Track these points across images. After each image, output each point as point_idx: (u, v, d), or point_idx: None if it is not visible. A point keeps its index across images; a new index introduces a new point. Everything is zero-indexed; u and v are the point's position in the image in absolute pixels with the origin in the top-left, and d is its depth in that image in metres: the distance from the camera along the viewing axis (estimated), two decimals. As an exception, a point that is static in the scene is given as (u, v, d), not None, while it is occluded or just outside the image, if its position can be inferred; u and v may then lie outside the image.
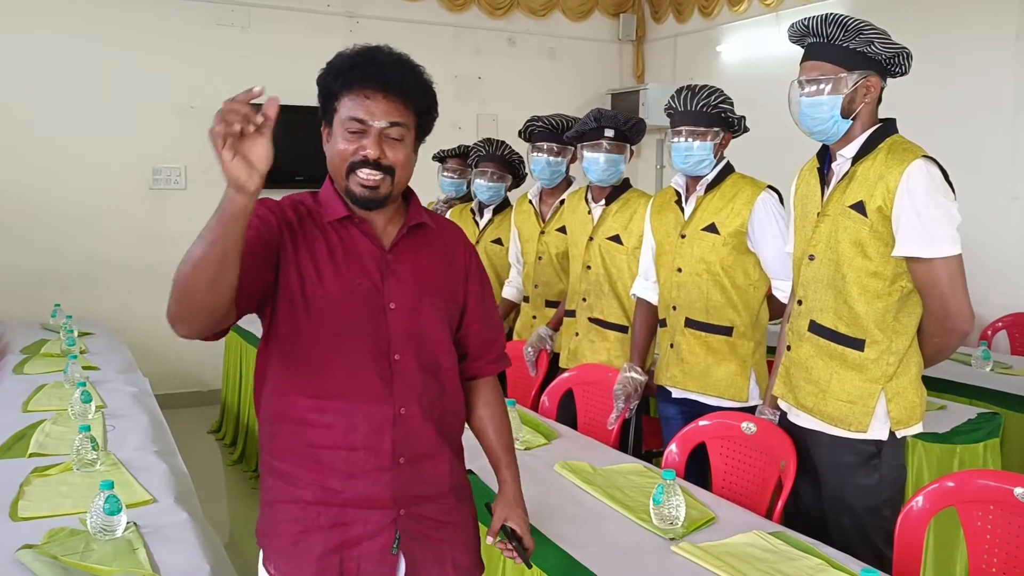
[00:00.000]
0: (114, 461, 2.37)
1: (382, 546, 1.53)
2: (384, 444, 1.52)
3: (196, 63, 5.78)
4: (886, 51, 2.11)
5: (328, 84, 1.51)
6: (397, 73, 1.50)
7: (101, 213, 5.60)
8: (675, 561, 1.83)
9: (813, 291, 2.23)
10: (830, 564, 1.79)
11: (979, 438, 2.90)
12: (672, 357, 2.77)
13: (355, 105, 1.48)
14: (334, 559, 1.51)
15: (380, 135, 1.48)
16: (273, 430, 1.55)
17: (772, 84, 2.31)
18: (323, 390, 1.50)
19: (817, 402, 2.21)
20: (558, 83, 6.99)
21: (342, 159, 1.50)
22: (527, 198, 3.61)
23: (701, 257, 2.69)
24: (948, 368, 3.66)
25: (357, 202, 1.52)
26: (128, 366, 3.68)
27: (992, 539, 1.89)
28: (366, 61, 1.49)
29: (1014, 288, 4.65)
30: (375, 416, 1.51)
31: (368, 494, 1.52)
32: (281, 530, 1.54)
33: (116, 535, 1.85)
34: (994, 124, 4.72)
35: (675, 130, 2.70)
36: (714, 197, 2.70)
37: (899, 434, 2.16)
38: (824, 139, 2.21)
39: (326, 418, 1.50)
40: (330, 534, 1.51)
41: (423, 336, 1.57)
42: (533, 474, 2.35)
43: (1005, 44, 4.67)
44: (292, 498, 1.53)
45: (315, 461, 1.51)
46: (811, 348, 2.23)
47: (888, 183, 2.05)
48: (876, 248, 2.10)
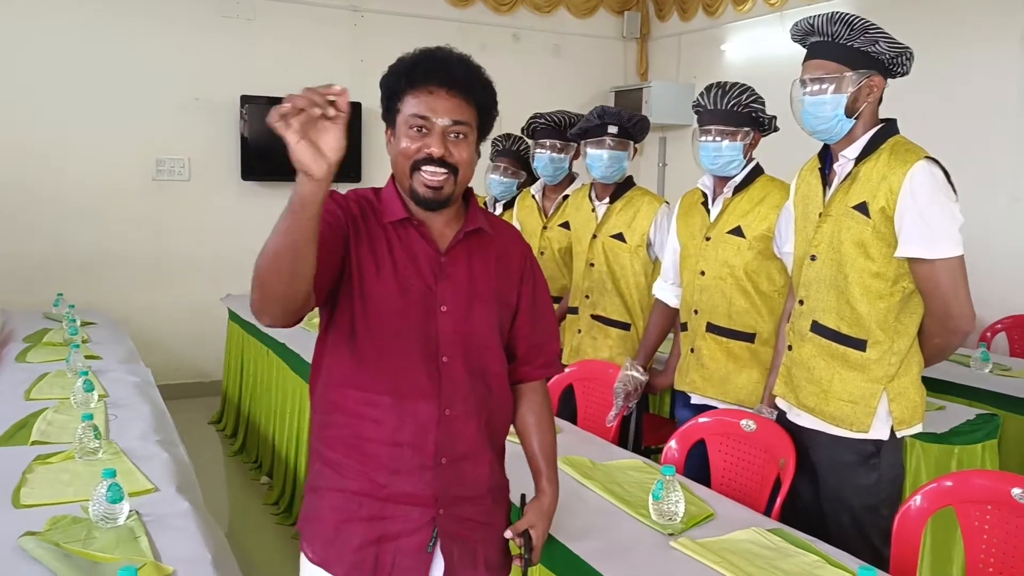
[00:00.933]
0: (116, 450, 2.38)
1: (419, 543, 1.56)
2: (428, 443, 1.54)
3: (200, 55, 5.79)
4: (890, 51, 2.12)
5: (391, 84, 1.52)
6: (460, 70, 1.51)
7: (104, 204, 5.61)
8: (674, 556, 1.84)
9: (815, 291, 2.23)
10: (828, 561, 1.80)
11: (977, 439, 2.90)
12: (692, 362, 2.74)
13: (418, 103, 1.48)
14: (371, 551, 1.54)
15: (444, 133, 1.49)
16: (326, 419, 1.59)
17: (776, 84, 2.30)
18: (374, 385, 1.53)
19: (819, 402, 2.21)
20: (562, 80, 6.99)
21: (406, 157, 1.50)
22: (530, 193, 3.62)
23: (725, 261, 2.65)
24: (947, 369, 3.66)
25: (420, 202, 1.53)
26: (130, 356, 3.69)
27: (989, 539, 1.90)
28: (428, 58, 1.51)
29: (1014, 290, 4.66)
30: (421, 415, 1.54)
31: (411, 491, 1.55)
32: (324, 516, 1.58)
33: (118, 523, 1.86)
34: (997, 125, 4.73)
35: (704, 129, 2.63)
36: (741, 200, 2.66)
37: (900, 434, 2.16)
38: (827, 138, 2.21)
39: (375, 412, 1.53)
40: (371, 526, 1.55)
41: (472, 339, 1.58)
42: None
43: (1010, 45, 4.67)
44: (338, 486, 1.56)
45: (363, 453, 1.54)
46: (813, 348, 2.23)
47: (891, 184, 2.06)
48: (879, 249, 2.10)
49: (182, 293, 5.77)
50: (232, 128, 5.87)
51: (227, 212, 5.83)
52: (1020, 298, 4.63)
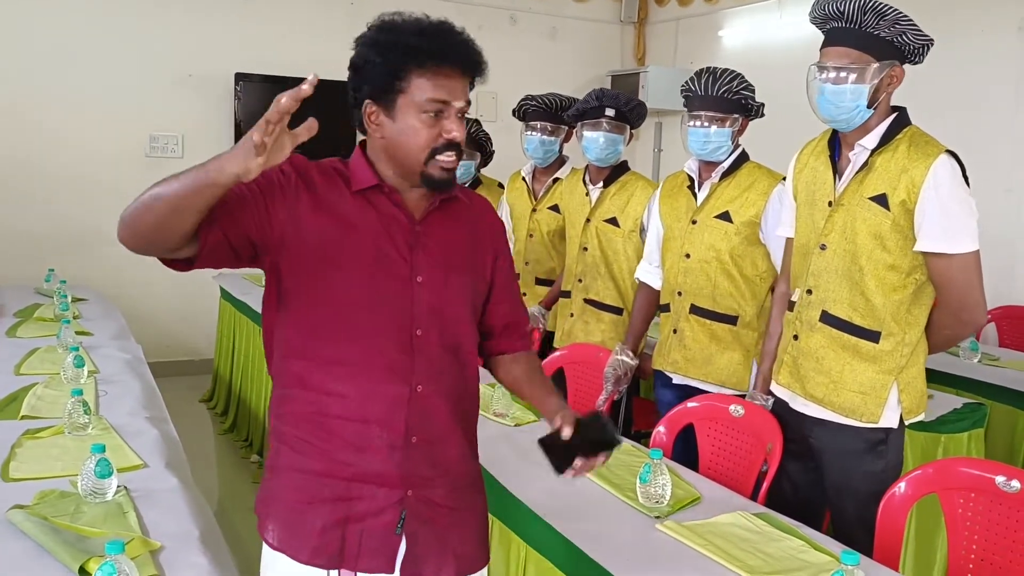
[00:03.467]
0: (106, 426, 2.38)
1: (387, 524, 1.49)
2: (398, 421, 1.48)
3: (195, 31, 5.74)
4: (916, 42, 2.06)
5: (394, 58, 1.41)
6: (471, 52, 1.46)
7: (97, 179, 5.57)
8: (659, 539, 1.85)
9: (825, 281, 2.19)
10: (812, 546, 1.82)
11: (964, 428, 2.93)
12: (674, 343, 2.76)
13: (435, 87, 1.41)
14: (336, 533, 1.48)
15: (459, 114, 1.45)
16: (285, 393, 1.52)
17: (772, 70, 2.30)
18: (341, 357, 1.46)
19: (828, 392, 2.18)
20: (559, 63, 6.96)
21: (421, 145, 1.43)
22: (520, 175, 3.62)
23: (711, 244, 2.67)
24: (936, 358, 3.66)
25: (434, 185, 1.47)
26: (121, 332, 3.68)
27: (972, 526, 1.92)
28: (442, 37, 1.43)
29: (1004, 281, 4.67)
30: (391, 391, 1.47)
31: (378, 471, 1.48)
32: (284, 497, 1.51)
33: (107, 498, 1.86)
34: (993, 117, 4.73)
35: (693, 114, 2.64)
36: (729, 185, 2.67)
37: (908, 422, 2.17)
38: (844, 128, 2.15)
39: (341, 387, 1.46)
40: (335, 508, 1.47)
41: (447, 313, 1.52)
42: (521, 451, 2.37)
43: (1008, 36, 4.67)
44: (299, 467, 1.49)
45: (327, 431, 1.47)
46: (823, 339, 2.20)
47: (913, 177, 2.02)
48: (896, 241, 2.07)
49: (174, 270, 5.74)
50: (226, 106, 5.83)
51: (220, 190, 5.78)
52: (1009, 289, 4.65)
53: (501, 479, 2.15)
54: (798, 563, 1.74)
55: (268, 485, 1.56)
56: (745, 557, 1.75)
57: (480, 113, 6.60)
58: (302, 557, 1.48)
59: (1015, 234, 4.67)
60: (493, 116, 6.58)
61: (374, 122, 1.47)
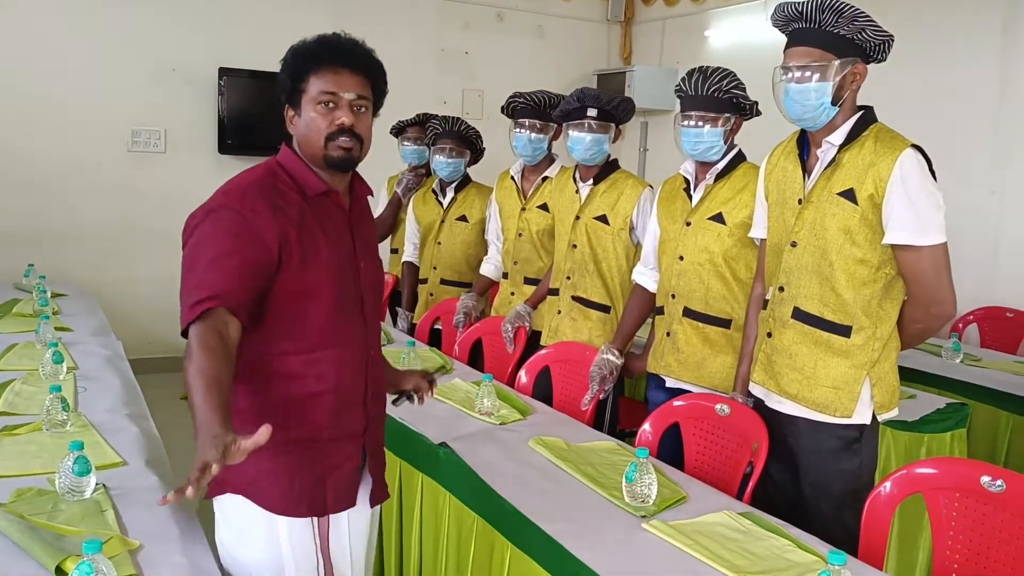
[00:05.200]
0: (84, 423, 2.34)
1: (353, 468, 1.80)
2: (360, 383, 1.78)
3: (178, 26, 5.69)
4: (876, 38, 2.11)
5: (296, 67, 1.69)
6: (360, 52, 1.72)
7: (79, 174, 5.52)
8: (645, 538, 1.84)
9: (796, 278, 2.22)
10: (798, 545, 1.81)
11: (947, 427, 2.93)
12: (668, 346, 2.74)
13: (325, 81, 1.67)
14: (321, 486, 1.74)
15: (351, 106, 1.68)
16: (265, 386, 1.70)
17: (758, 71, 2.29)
18: (318, 344, 1.70)
19: (802, 388, 2.20)
20: (545, 61, 6.95)
21: (319, 131, 1.68)
22: (509, 174, 3.60)
23: (705, 247, 2.65)
24: (919, 358, 3.70)
25: (334, 164, 1.71)
26: (102, 328, 3.64)
27: (957, 526, 1.92)
28: (331, 43, 1.70)
29: (986, 282, 4.71)
30: (356, 360, 1.77)
31: (349, 427, 1.77)
32: (275, 470, 1.70)
33: (85, 496, 1.83)
34: (977, 118, 4.75)
35: (685, 114, 2.62)
36: (723, 187, 2.65)
37: (881, 418, 2.18)
38: (810, 126, 2.19)
39: (320, 368, 1.71)
40: (318, 466, 1.73)
41: (377, 288, 1.88)
42: (508, 448, 2.36)
43: (991, 37, 4.69)
44: (284, 441, 1.66)
45: (306, 407, 1.71)
46: (795, 335, 2.23)
47: (880, 171, 2.05)
48: (865, 235, 2.10)
49: (156, 266, 5.66)
50: (210, 101, 5.78)
51: (203, 185, 5.59)
52: (992, 290, 4.68)
53: (486, 477, 2.14)
54: (784, 563, 1.74)
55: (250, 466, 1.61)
56: (731, 556, 1.75)
57: (466, 111, 6.59)
58: (301, 512, 1.73)
59: (999, 235, 4.70)
60: (479, 114, 6.57)
61: (291, 122, 1.75)
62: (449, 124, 3.86)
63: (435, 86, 6.57)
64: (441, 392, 2.85)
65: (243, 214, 1.60)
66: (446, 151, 3.83)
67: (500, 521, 2.05)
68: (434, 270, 3.98)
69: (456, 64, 6.71)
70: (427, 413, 2.65)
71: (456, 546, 2.28)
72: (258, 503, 1.72)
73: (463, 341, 3.57)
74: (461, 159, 3.87)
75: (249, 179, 1.69)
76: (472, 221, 3.87)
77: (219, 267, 1.55)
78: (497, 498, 2.05)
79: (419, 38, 6.51)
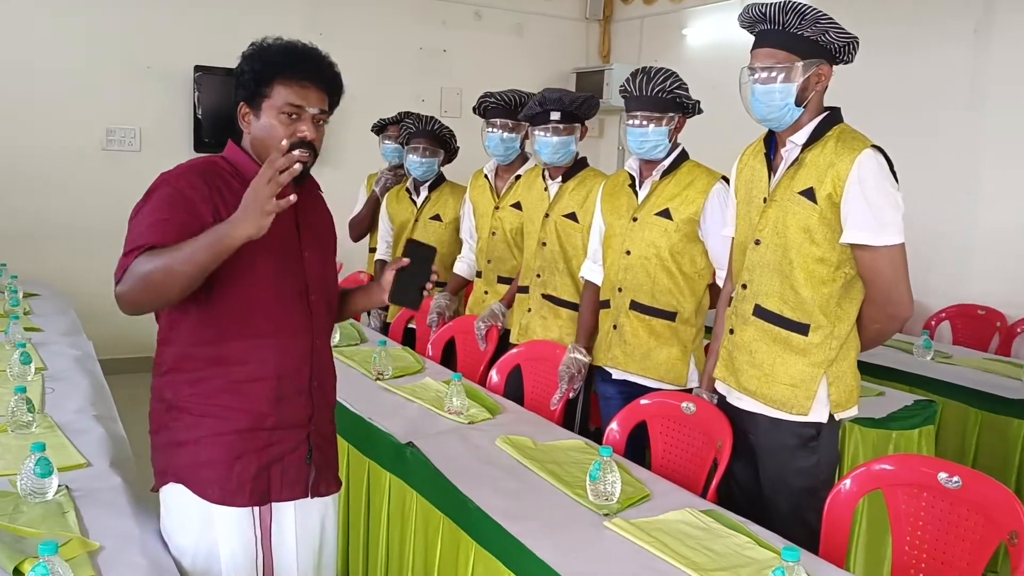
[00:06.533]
0: (50, 424, 2.33)
1: (300, 457, 1.81)
2: (304, 371, 1.81)
3: (155, 22, 5.66)
4: (839, 40, 2.13)
5: (260, 69, 1.72)
6: (327, 67, 1.77)
7: (53, 173, 5.48)
8: (606, 536, 1.86)
9: (759, 276, 2.25)
10: (757, 542, 1.83)
11: (915, 424, 2.96)
12: (615, 338, 2.78)
13: (292, 94, 1.71)
14: (264, 475, 1.76)
15: (313, 120, 1.74)
16: (198, 375, 1.73)
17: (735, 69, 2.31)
18: (257, 331, 1.74)
19: (760, 385, 2.24)
20: (524, 59, 6.95)
21: (278, 141, 1.65)
22: (483, 173, 3.61)
23: (652, 242, 2.69)
24: (890, 355, 3.74)
25: None
26: (73, 329, 3.62)
27: (915, 521, 1.94)
28: (302, 56, 1.75)
29: (959, 280, 4.75)
30: (299, 348, 1.80)
31: (292, 415, 1.79)
32: (215, 459, 1.73)
33: (47, 498, 1.83)
34: (950, 118, 4.79)
35: (630, 114, 2.68)
36: (669, 183, 2.70)
37: (838, 416, 2.20)
38: (776, 126, 2.23)
39: (260, 354, 1.74)
40: (262, 454, 1.76)
41: (327, 279, 1.89)
42: (475, 447, 2.37)
43: (964, 39, 4.73)
44: (226, 430, 1.73)
45: (247, 395, 1.74)
46: (755, 332, 2.26)
47: (839, 171, 2.08)
48: (824, 234, 2.13)
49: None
50: (185, 99, 5.76)
51: (179, 184, 5.70)
52: (964, 288, 4.73)
53: (451, 476, 2.14)
54: (742, 559, 1.75)
55: (190, 455, 1.74)
56: (691, 554, 1.76)
57: (445, 110, 6.59)
58: (241, 502, 1.75)
59: (971, 233, 4.75)
60: (458, 112, 6.57)
61: (246, 121, 1.78)
62: (423, 123, 3.87)
63: (413, 84, 6.56)
64: (411, 392, 2.86)
65: (180, 190, 1.67)
66: (419, 150, 3.84)
67: (465, 520, 2.06)
68: (407, 269, 3.97)
69: (434, 62, 6.70)
70: (396, 412, 2.66)
71: (423, 545, 2.28)
72: (196, 492, 1.74)
73: (436, 340, 3.58)
74: (435, 158, 3.88)
75: (190, 163, 1.77)
76: (446, 220, 3.88)
77: (154, 228, 1.62)
78: (462, 497, 2.06)
79: (397, 36, 6.51)
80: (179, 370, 1.74)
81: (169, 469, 1.76)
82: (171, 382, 1.76)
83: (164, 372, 1.77)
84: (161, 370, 1.77)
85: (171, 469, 1.75)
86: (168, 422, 1.76)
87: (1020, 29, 4.52)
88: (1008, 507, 1.77)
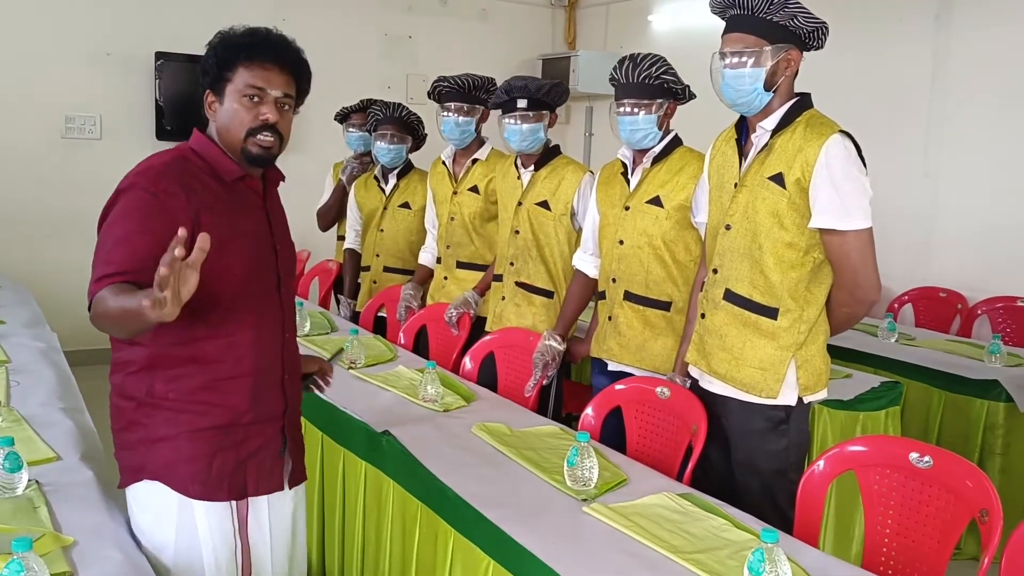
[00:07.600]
0: (16, 417, 2.29)
1: (275, 450, 1.83)
2: (277, 365, 1.82)
3: (113, 7, 5.55)
4: (808, 25, 2.15)
5: (224, 56, 1.70)
6: (291, 50, 1.75)
7: (11, 162, 5.36)
8: (586, 521, 1.87)
9: (729, 260, 2.27)
10: (734, 524, 1.85)
11: (881, 406, 3.02)
12: (610, 330, 2.77)
13: (253, 76, 1.69)
14: (240, 470, 1.76)
15: (276, 103, 1.72)
16: (174, 373, 1.71)
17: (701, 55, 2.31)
18: (235, 328, 1.73)
19: (730, 369, 2.26)
20: (490, 46, 6.92)
21: (241, 124, 1.71)
22: (440, 160, 3.59)
23: (644, 230, 2.67)
24: (855, 338, 3.79)
25: (252, 160, 1.74)
26: (36, 320, 3.55)
27: (887, 501, 1.98)
28: (264, 38, 1.72)
29: (921, 263, 4.84)
30: (273, 343, 1.81)
31: (268, 409, 1.80)
32: (195, 455, 1.72)
33: (17, 493, 1.80)
34: (910, 102, 4.87)
35: (619, 102, 2.65)
36: (660, 170, 2.67)
37: (806, 399, 2.23)
38: (746, 111, 2.24)
39: (237, 351, 1.73)
40: (239, 449, 1.76)
41: (293, 272, 1.92)
42: (451, 435, 2.36)
43: (925, 23, 4.80)
44: (203, 426, 1.72)
45: (225, 391, 1.73)
46: (725, 316, 2.28)
47: (807, 156, 2.10)
48: (792, 219, 2.15)
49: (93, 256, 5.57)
50: (146, 85, 5.66)
51: (141, 173, 5.61)
52: (926, 271, 4.81)
53: (428, 464, 2.14)
54: (720, 542, 1.77)
55: (168, 451, 1.72)
56: (669, 537, 1.78)
57: (411, 96, 6.54)
58: (222, 497, 1.75)
59: (932, 217, 4.83)
60: (424, 99, 6.49)
61: (212, 109, 1.76)
62: (390, 110, 3.84)
63: (379, 71, 6.51)
64: (385, 380, 2.85)
65: (156, 195, 1.63)
66: (387, 137, 3.82)
67: (443, 508, 2.06)
68: (377, 257, 3.95)
69: (399, 49, 6.65)
70: (370, 401, 2.65)
71: (400, 534, 2.28)
72: (174, 488, 1.72)
73: (408, 328, 3.56)
74: (403, 145, 3.85)
75: (162, 160, 1.71)
76: (415, 208, 3.86)
77: (126, 245, 1.59)
78: (440, 485, 2.05)
79: (362, 22, 6.45)
80: (154, 368, 1.71)
81: (145, 466, 1.73)
82: (144, 379, 1.71)
83: (136, 370, 1.72)
84: (130, 368, 1.72)
85: (147, 466, 1.73)
86: (140, 419, 1.72)
87: (980, 15, 4.60)
88: (979, 485, 1.81)
